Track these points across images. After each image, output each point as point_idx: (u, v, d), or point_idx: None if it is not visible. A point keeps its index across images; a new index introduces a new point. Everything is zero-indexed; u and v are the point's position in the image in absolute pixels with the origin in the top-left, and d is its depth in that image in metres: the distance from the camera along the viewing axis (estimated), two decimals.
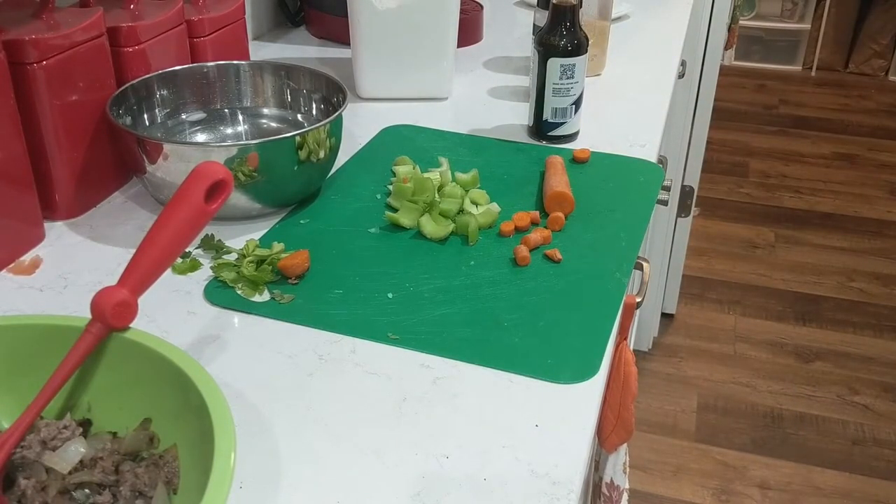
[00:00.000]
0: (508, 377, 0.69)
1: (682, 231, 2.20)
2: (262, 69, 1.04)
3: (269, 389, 0.68)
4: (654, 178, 1.03)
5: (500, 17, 1.61)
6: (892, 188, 3.07)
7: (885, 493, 1.85)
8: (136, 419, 0.59)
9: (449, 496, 0.58)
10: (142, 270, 0.60)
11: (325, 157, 0.91)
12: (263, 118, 1.05)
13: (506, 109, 1.21)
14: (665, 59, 1.41)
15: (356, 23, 1.18)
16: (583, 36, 1.05)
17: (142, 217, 0.92)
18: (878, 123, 3.57)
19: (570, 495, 0.59)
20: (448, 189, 0.94)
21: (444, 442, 0.63)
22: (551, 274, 0.83)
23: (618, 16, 1.54)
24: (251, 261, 0.81)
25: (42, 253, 0.85)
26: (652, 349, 2.26)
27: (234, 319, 0.76)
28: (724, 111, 3.58)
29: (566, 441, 0.63)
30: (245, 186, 0.86)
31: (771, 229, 2.81)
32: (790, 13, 3.98)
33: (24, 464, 0.55)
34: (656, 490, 1.85)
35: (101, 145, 0.92)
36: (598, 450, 1.01)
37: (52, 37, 0.82)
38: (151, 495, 0.54)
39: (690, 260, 2.51)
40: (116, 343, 0.59)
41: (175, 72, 0.99)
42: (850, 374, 2.20)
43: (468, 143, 1.10)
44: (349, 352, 0.72)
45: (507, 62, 1.39)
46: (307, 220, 0.91)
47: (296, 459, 0.61)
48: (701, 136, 2.08)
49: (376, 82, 1.22)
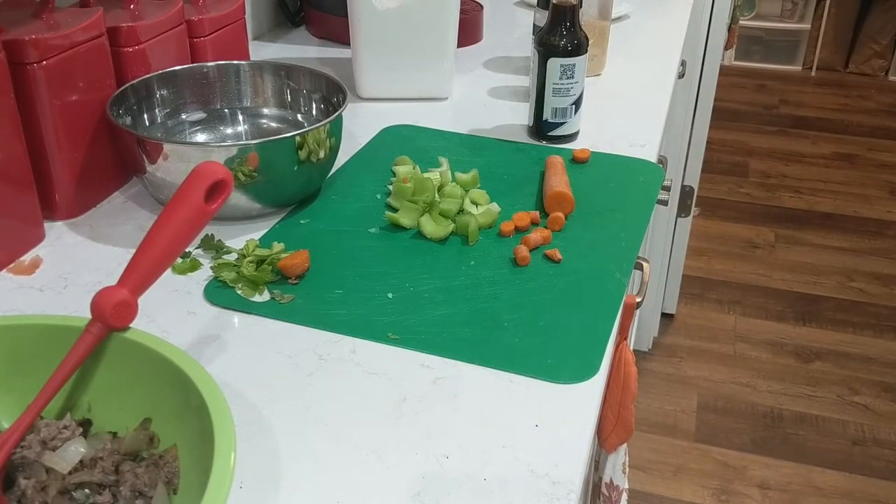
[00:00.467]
0: (508, 377, 0.69)
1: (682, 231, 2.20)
2: (262, 69, 1.04)
3: (269, 389, 0.68)
4: (654, 178, 1.03)
5: (500, 17, 1.61)
6: (892, 188, 3.07)
7: (885, 493, 1.85)
8: (136, 419, 0.59)
9: (449, 496, 0.58)
10: (142, 270, 0.60)
11: (325, 157, 0.91)
12: (263, 118, 1.05)
13: (506, 109, 1.21)
14: (665, 59, 1.41)
15: (356, 23, 1.18)
16: (583, 36, 1.05)
17: (142, 217, 0.92)
18: (878, 123, 3.57)
19: (570, 495, 0.59)
20: (448, 189, 0.94)
21: (444, 442, 0.63)
22: (551, 274, 0.83)
23: (618, 16, 1.54)
24: (251, 261, 0.81)
25: (42, 253, 0.85)
26: (652, 349, 2.26)
27: (234, 319, 0.76)
28: (724, 111, 3.58)
29: (566, 441, 0.63)
30: (245, 186, 0.86)
31: (771, 229, 2.81)
32: (790, 13, 3.98)
33: (24, 464, 0.55)
34: (656, 490, 1.85)
35: (101, 145, 0.92)
36: (597, 450, 1.01)
37: (52, 37, 0.82)
38: (151, 495, 0.54)
39: (690, 260, 2.52)
40: (116, 343, 0.59)
41: (175, 72, 0.99)
42: (850, 374, 2.20)
43: (468, 143, 1.10)
44: (349, 352, 0.72)
45: (507, 62, 1.39)
46: (307, 220, 0.91)
47: (296, 459, 0.61)
48: (701, 136, 2.08)
49: (376, 82, 1.22)
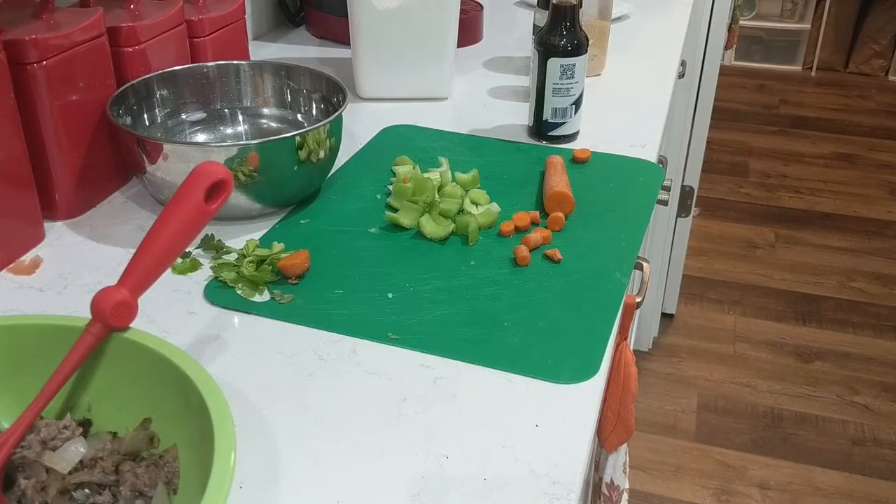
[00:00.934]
0: (508, 377, 0.69)
1: (682, 231, 2.20)
2: (262, 69, 1.04)
3: (269, 389, 0.68)
4: (654, 178, 1.03)
5: (500, 17, 1.61)
6: (892, 188, 3.07)
7: (885, 493, 1.85)
8: (136, 419, 0.59)
9: (449, 496, 0.58)
10: (142, 270, 0.60)
11: (325, 157, 0.91)
12: (263, 118, 1.05)
13: (506, 109, 1.21)
14: (665, 59, 1.41)
15: (356, 23, 1.18)
16: (583, 36, 1.05)
17: (142, 217, 0.92)
18: (878, 123, 3.57)
19: (570, 495, 0.59)
20: (448, 189, 0.94)
21: (444, 442, 0.63)
22: (551, 274, 0.83)
23: (618, 16, 1.54)
24: (251, 261, 0.81)
25: (42, 253, 0.85)
26: (652, 349, 2.26)
27: (234, 319, 0.76)
28: (724, 111, 3.58)
29: (566, 441, 0.63)
30: (245, 186, 0.86)
31: (771, 229, 2.81)
32: (790, 13, 3.98)
33: (24, 464, 0.55)
34: (656, 490, 1.85)
35: (101, 145, 0.92)
36: (598, 450, 1.01)
37: (52, 37, 0.82)
38: (151, 495, 0.54)
39: (690, 260, 2.51)
40: (116, 343, 0.59)
41: (175, 72, 0.99)
42: (850, 374, 2.19)
43: (468, 143, 1.10)
44: (349, 352, 0.72)
45: (507, 62, 1.39)
46: (307, 220, 0.91)
47: (296, 459, 0.61)
48: (701, 136, 2.08)
49: (376, 82, 1.22)
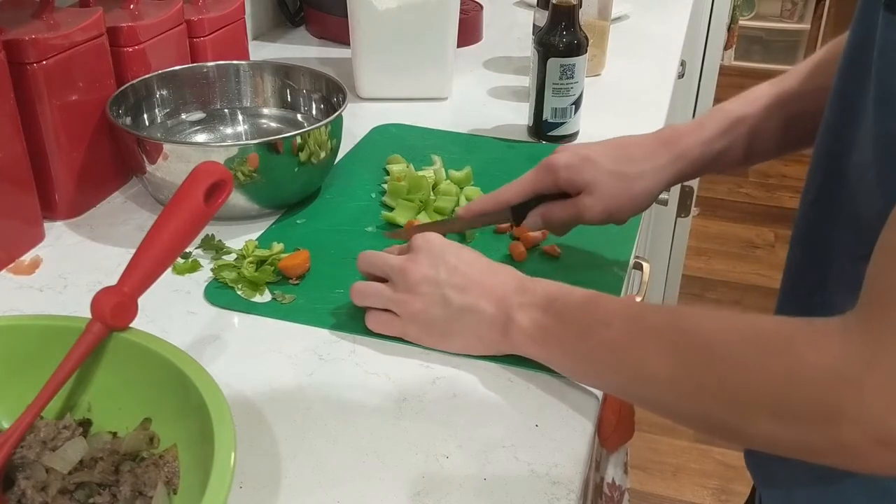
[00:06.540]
0: (508, 377, 0.69)
1: (682, 231, 2.21)
2: (262, 69, 1.04)
3: (269, 389, 0.68)
4: None
5: (500, 17, 1.61)
6: None
7: None
8: (136, 419, 0.59)
9: (449, 496, 0.58)
10: (142, 270, 0.60)
11: (325, 157, 0.91)
12: (263, 118, 1.05)
13: (506, 109, 1.21)
14: (665, 59, 1.41)
15: (356, 23, 1.18)
16: (583, 36, 1.05)
17: (142, 217, 0.92)
18: None
19: (570, 495, 0.59)
20: (443, 187, 0.94)
21: (444, 442, 0.63)
22: (549, 270, 0.83)
23: (618, 16, 1.54)
24: (251, 262, 0.81)
25: (42, 253, 0.85)
26: None
27: (234, 319, 0.76)
28: None
29: (566, 441, 0.63)
30: (245, 186, 0.86)
31: (771, 229, 2.81)
32: (790, 13, 3.98)
33: (24, 464, 0.54)
34: (656, 490, 1.85)
35: (101, 145, 0.92)
36: (599, 450, 1.01)
37: (52, 37, 0.82)
38: (151, 495, 0.54)
39: (690, 260, 2.51)
40: (116, 343, 0.59)
41: (175, 72, 0.99)
42: None
43: (459, 140, 1.10)
44: (349, 352, 0.72)
45: (507, 62, 1.39)
46: (304, 220, 0.91)
47: (296, 459, 0.61)
48: None
49: (376, 82, 1.22)
